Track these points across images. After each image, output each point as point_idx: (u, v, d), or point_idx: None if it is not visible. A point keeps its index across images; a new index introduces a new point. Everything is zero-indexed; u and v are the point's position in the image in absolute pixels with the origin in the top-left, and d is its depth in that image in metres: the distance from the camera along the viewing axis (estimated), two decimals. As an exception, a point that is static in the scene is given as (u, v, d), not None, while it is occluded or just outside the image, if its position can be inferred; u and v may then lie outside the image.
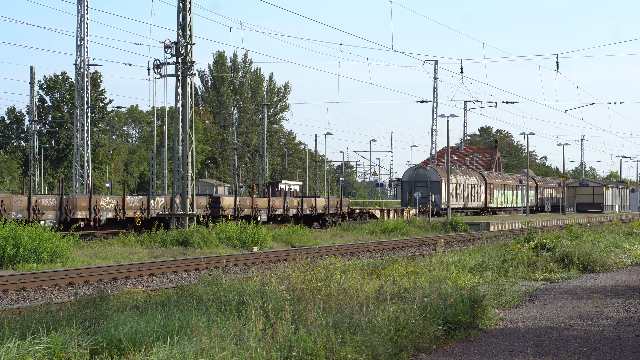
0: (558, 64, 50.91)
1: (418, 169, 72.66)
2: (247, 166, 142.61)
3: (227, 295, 12.57)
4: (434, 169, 71.97)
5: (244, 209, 45.80)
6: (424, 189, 70.06)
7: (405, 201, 71.14)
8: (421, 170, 72.18)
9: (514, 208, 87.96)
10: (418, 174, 71.84)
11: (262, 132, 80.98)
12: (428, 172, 71.42)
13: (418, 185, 70.84)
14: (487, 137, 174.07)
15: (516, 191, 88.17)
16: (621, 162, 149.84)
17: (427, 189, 69.90)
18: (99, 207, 37.36)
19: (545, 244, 24.94)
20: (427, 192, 69.02)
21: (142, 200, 39.96)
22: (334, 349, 10.78)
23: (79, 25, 52.16)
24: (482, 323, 14.25)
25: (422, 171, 71.86)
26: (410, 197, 69.95)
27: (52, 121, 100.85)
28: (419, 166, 73.58)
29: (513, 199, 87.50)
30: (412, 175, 72.23)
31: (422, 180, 71.14)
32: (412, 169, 73.69)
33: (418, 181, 71.27)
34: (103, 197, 37.84)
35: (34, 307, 13.33)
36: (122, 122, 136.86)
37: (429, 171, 71.54)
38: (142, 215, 39.85)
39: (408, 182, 72.21)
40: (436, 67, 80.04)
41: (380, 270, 17.56)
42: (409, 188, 71.59)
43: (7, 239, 24.79)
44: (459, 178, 74.43)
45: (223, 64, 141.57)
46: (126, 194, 39.63)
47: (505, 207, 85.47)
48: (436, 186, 70.52)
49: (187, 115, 36.38)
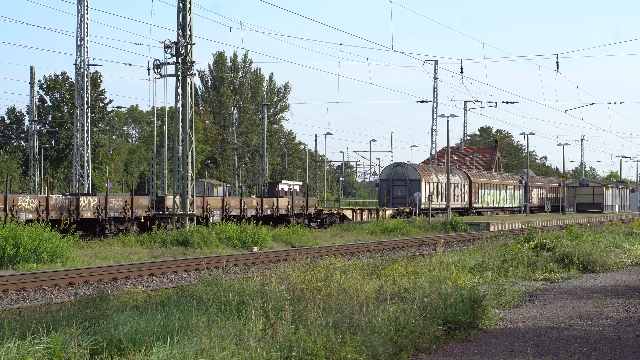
0: (558, 64, 50.87)
1: (396, 167, 68.72)
2: (247, 166, 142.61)
3: (227, 295, 12.57)
4: (413, 167, 68.39)
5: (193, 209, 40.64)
6: (403, 188, 67.05)
7: (383, 201, 67.93)
8: (399, 168, 68.39)
9: (501, 208, 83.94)
10: (396, 173, 68.22)
11: (262, 132, 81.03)
12: (407, 171, 67.77)
13: (396, 184, 67.58)
14: (487, 137, 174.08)
15: (503, 191, 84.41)
16: (621, 162, 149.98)
17: (406, 188, 66.71)
18: (16, 208, 33.26)
19: (545, 244, 24.95)
20: (406, 191, 66.27)
21: (70, 201, 35.94)
22: (334, 349, 10.78)
23: (79, 25, 52.16)
24: (482, 323, 14.25)
25: (401, 169, 68.15)
26: (389, 196, 67.22)
27: (52, 121, 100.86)
28: (397, 164, 69.37)
29: (500, 198, 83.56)
30: (390, 174, 68.73)
31: (401, 179, 67.62)
32: (390, 167, 69.90)
33: (396, 180, 67.77)
34: (22, 197, 33.88)
35: (34, 307, 13.33)
36: (122, 122, 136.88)
37: (408, 169, 67.89)
38: (69, 217, 35.59)
39: (386, 181, 68.72)
40: (436, 67, 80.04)
41: (380, 270, 17.56)
42: (386, 187, 68.22)
43: (7, 239, 24.79)
44: (440, 177, 70.72)
45: (223, 64, 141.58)
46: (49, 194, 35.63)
47: (491, 207, 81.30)
48: (415, 185, 66.76)
49: (187, 115, 36.39)
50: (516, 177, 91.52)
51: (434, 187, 69.10)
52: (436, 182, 69.61)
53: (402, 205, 64.45)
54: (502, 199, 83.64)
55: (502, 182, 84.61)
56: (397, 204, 65.49)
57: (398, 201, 66.04)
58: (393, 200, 65.96)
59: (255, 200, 47.44)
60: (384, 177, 69.11)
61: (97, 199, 37.35)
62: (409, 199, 65.13)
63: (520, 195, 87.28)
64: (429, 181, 66.75)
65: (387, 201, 66.93)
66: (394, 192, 66.54)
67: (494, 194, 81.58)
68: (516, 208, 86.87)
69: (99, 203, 37.33)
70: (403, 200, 66.09)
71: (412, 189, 66.15)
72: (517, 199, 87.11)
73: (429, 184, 66.59)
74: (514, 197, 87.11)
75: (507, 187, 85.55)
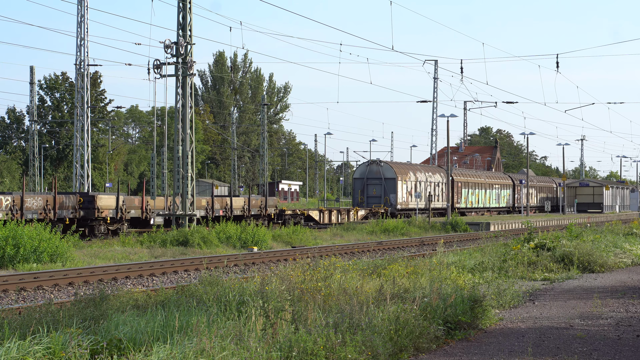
0: (558, 64, 50.90)
1: (371, 165, 64.37)
2: (247, 166, 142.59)
3: (227, 295, 12.57)
4: (388, 165, 64.20)
5: (130, 210, 38.73)
6: (378, 187, 63.15)
7: (357, 201, 63.92)
8: (374, 166, 64.04)
9: (486, 209, 79.26)
10: (371, 171, 63.96)
11: (262, 132, 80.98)
12: (382, 169, 63.55)
13: (371, 183, 63.57)
14: (487, 137, 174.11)
15: (489, 190, 79.93)
16: (621, 162, 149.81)
17: (382, 187, 62.93)
18: None
19: (545, 244, 24.95)
20: (381, 190, 62.64)
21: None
22: (334, 349, 10.78)
23: (79, 25, 52.16)
24: (482, 323, 14.25)
25: (376, 167, 63.84)
26: (363, 196, 63.36)
27: (52, 121, 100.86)
28: (372, 161, 64.92)
29: (486, 198, 78.99)
30: (364, 172, 64.46)
31: (376, 178, 63.46)
32: (364, 165, 65.34)
33: (371, 178, 63.68)
34: None
35: (34, 307, 13.33)
36: (122, 122, 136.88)
37: (383, 167, 63.70)
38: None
39: (360, 179, 64.49)
40: (436, 67, 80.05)
41: (380, 270, 17.57)
42: (361, 186, 64.11)
43: (7, 239, 24.78)
44: (419, 175, 67.07)
45: (223, 64, 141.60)
46: None
47: (476, 207, 76.86)
48: (391, 184, 62.94)
49: (187, 115, 36.39)
50: (504, 175, 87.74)
51: (412, 186, 65.55)
52: (414, 181, 65.96)
53: (376, 206, 61.06)
54: (487, 198, 79.58)
55: (487, 181, 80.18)
56: (372, 204, 62.13)
57: (373, 201, 62.63)
58: (368, 200, 62.49)
59: (205, 200, 43.68)
60: (358, 176, 65.19)
61: (10, 199, 33.05)
62: (384, 198, 62.14)
63: (508, 195, 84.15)
64: (407, 180, 63.31)
65: (362, 201, 63.41)
66: (369, 192, 63.08)
67: (478, 193, 77.35)
68: (503, 208, 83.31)
69: (14, 203, 33.05)
70: (378, 200, 62.68)
71: (387, 188, 62.92)
72: (504, 199, 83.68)
73: (407, 182, 63.19)
74: (501, 197, 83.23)
75: (494, 186, 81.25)
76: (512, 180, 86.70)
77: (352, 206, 61.54)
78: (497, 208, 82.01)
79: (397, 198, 62.24)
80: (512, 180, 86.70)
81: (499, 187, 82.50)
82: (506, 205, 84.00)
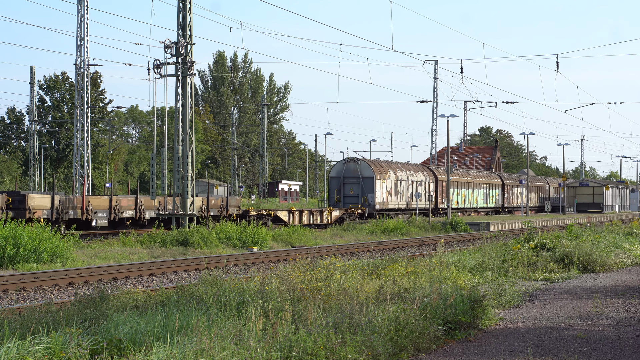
0: (558, 64, 50.93)
1: (348, 163, 61.23)
2: (247, 166, 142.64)
3: (227, 295, 12.57)
4: (366, 163, 61.06)
5: (68, 211, 35.78)
6: (355, 186, 60.13)
7: (334, 201, 60.68)
8: (352, 164, 60.95)
9: (473, 209, 76.05)
10: (348, 169, 60.78)
11: (262, 132, 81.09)
12: (360, 167, 60.50)
13: (348, 182, 60.45)
14: (487, 137, 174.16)
15: (476, 190, 76.78)
16: (621, 162, 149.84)
17: (359, 186, 59.90)
18: None
19: (545, 244, 24.95)
20: (359, 190, 59.69)
21: None
22: (334, 349, 10.78)
23: (79, 25, 52.17)
24: (482, 323, 14.25)
25: (353, 165, 60.75)
26: (340, 195, 60.41)
27: (52, 121, 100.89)
28: (350, 159, 61.86)
29: (473, 198, 75.76)
30: (341, 171, 61.18)
31: (353, 177, 60.41)
32: (341, 163, 62.15)
33: (348, 177, 60.58)
34: None
35: (34, 307, 13.33)
36: (122, 122, 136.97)
37: (361, 165, 60.62)
38: None
39: (336, 178, 61.29)
40: (436, 67, 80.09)
41: (380, 270, 17.57)
42: (337, 185, 60.93)
43: (7, 239, 24.78)
44: (399, 174, 63.84)
45: (223, 64, 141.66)
46: None
47: (462, 208, 73.52)
48: (369, 183, 59.92)
49: (187, 115, 36.39)
50: (492, 174, 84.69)
51: (392, 186, 62.41)
52: (394, 180, 62.77)
53: (353, 206, 58.00)
54: (474, 198, 76.44)
55: (474, 181, 76.91)
56: (349, 204, 59.11)
57: (350, 201, 59.68)
58: (344, 200, 59.63)
59: (157, 200, 40.52)
60: (335, 174, 61.89)
61: None
62: (362, 198, 59.42)
63: (497, 195, 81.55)
64: (386, 179, 60.33)
65: (338, 201, 60.38)
66: (346, 191, 60.23)
67: (464, 193, 74.11)
68: (492, 209, 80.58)
69: None
70: (356, 200, 59.72)
71: (365, 187, 59.96)
72: (492, 198, 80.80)
73: (386, 181, 60.18)
74: (489, 197, 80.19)
75: (481, 185, 78.02)
76: (502, 179, 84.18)
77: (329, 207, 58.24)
78: (485, 208, 79.15)
79: (376, 198, 59.62)
80: (502, 179, 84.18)
81: (487, 186, 79.81)
82: (495, 205, 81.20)
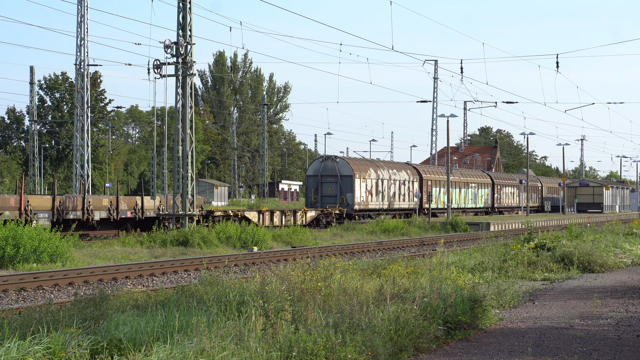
0: (558, 64, 50.98)
1: (326, 161, 58.45)
2: (247, 166, 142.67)
3: (227, 295, 12.57)
4: (345, 161, 58.52)
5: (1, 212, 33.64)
6: (334, 185, 57.55)
7: (311, 200, 58.01)
8: (330, 162, 58.20)
9: (461, 209, 72.76)
10: (326, 167, 58.06)
11: (262, 132, 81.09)
12: (338, 165, 57.82)
13: (326, 180, 57.79)
14: (487, 137, 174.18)
15: (464, 189, 74.09)
16: (621, 162, 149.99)
17: (337, 185, 57.39)
18: None
19: (545, 244, 24.95)
20: (337, 189, 57.27)
21: None
22: (334, 349, 10.78)
23: (79, 25, 52.18)
24: (482, 323, 14.25)
25: (331, 163, 58.02)
26: (317, 195, 57.69)
27: (52, 121, 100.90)
28: (327, 157, 58.97)
29: (460, 198, 73.00)
30: (318, 169, 58.37)
31: (331, 175, 57.75)
32: (318, 161, 59.41)
33: (326, 176, 57.89)
34: None
35: (34, 307, 13.33)
36: (122, 122, 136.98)
37: (339, 164, 57.95)
38: None
39: (314, 177, 58.49)
40: (436, 67, 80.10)
41: (380, 270, 17.56)
42: (314, 185, 58.11)
43: (7, 239, 24.78)
44: (381, 172, 61.28)
45: (223, 64, 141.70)
46: None
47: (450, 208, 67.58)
48: (348, 182, 57.33)
49: (187, 115, 36.39)
50: (481, 173, 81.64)
51: (372, 185, 59.88)
52: (375, 179, 60.22)
53: (331, 206, 55.37)
54: (462, 198, 73.63)
55: (462, 180, 73.82)
56: (327, 204, 56.65)
57: (328, 201, 57.21)
58: (322, 200, 57.33)
59: (107, 200, 38.18)
60: (312, 173, 58.92)
61: None
62: (340, 198, 57.24)
63: (487, 195, 78.96)
64: (366, 177, 58.16)
65: (316, 201, 57.70)
66: (323, 190, 57.76)
67: (452, 192, 70.97)
68: (481, 209, 77.88)
69: None
70: (334, 200, 57.20)
71: (344, 186, 57.42)
72: (482, 198, 78.00)
73: (366, 180, 58.05)
74: (478, 197, 77.36)
75: (470, 185, 75.32)
76: (492, 178, 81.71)
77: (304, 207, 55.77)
78: (474, 209, 76.36)
79: (355, 197, 57.15)
80: (492, 178, 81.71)
81: (475, 186, 77.03)
82: (484, 205, 78.65)
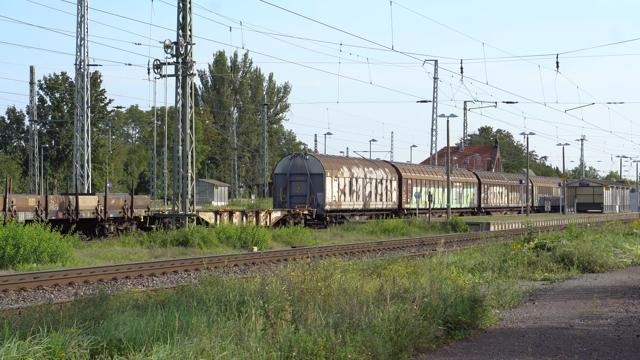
0: (558, 64, 50.98)
1: (295, 158, 55.30)
2: (247, 166, 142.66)
3: (227, 295, 12.56)
4: (315, 159, 55.16)
5: None
6: (303, 184, 54.41)
7: (279, 200, 54.80)
8: (299, 159, 55.04)
9: (444, 210, 69.00)
10: (295, 165, 54.97)
11: (262, 132, 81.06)
12: (308, 163, 54.66)
13: (295, 179, 54.73)
14: (487, 137, 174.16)
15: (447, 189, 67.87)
16: (621, 162, 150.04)
17: (307, 184, 54.26)
18: None
19: (545, 244, 24.95)
20: (307, 188, 54.22)
21: None
22: (334, 349, 10.78)
23: (79, 25, 52.17)
24: (482, 323, 14.25)
25: (301, 161, 54.88)
26: (285, 194, 54.61)
27: (52, 121, 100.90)
28: (297, 154, 55.98)
29: (443, 198, 69.88)
30: (287, 167, 55.25)
31: (301, 174, 54.66)
32: (287, 159, 56.15)
33: (295, 174, 54.79)
34: None
35: (34, 307, 13.33)
36: (122, 122, 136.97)
37: (309, 161, 54.80)
38: None
39: (282, 175, 55.27)
40: (436, 67, 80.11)
41: (380, 270, 17.56)
42: (282, 183, 54.95)
43: (7, 239, 24.79)
44: (355, 171, 58.15)
45: (223, 64, 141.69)
46: None
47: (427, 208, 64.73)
48: (318, 181, 54.13)
49: (187, 115, 36.40)
50: (467, 172, 78.40)
51: (346, 184, 56.67)
52: (349, 177, 57.02)
53: (300, 206, 52.62)
54: (445, 198, 69.99)
55: (444, 179, 69.90)
56: (296, 204, 53.78)
57: (297, 201, 54.26)
58: (291, 200, 54.46)
59: (34, 199, 34.55)
60: (280, 171, 55.71)
61: None
62: (310, 197, 54.07)
63: (472, 195, 76.10)
64: (338, 176, 55.55)
65: (284, 200, 54.56)
66: (292, 190, 54.79)
67: (434, 192, 68.69)
68: (467, 209, 74.93)
69: None
70: (303, 200, 54.15)
71: (314, 185, 54.17)
72: (467, 198, 75.01)
73: (338, 179, 55.43)
74: (464, 197, 74.36)
75: (454, 184, 72.15)
76: (478, 177, 78.57)
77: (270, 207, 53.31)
78: (459, 209, 72.64)
79: (326, 197, 54.02)
80: (478, 177, 78.57)
81: (460, 185, 73.76)
82: (470, 205, 75.75)
